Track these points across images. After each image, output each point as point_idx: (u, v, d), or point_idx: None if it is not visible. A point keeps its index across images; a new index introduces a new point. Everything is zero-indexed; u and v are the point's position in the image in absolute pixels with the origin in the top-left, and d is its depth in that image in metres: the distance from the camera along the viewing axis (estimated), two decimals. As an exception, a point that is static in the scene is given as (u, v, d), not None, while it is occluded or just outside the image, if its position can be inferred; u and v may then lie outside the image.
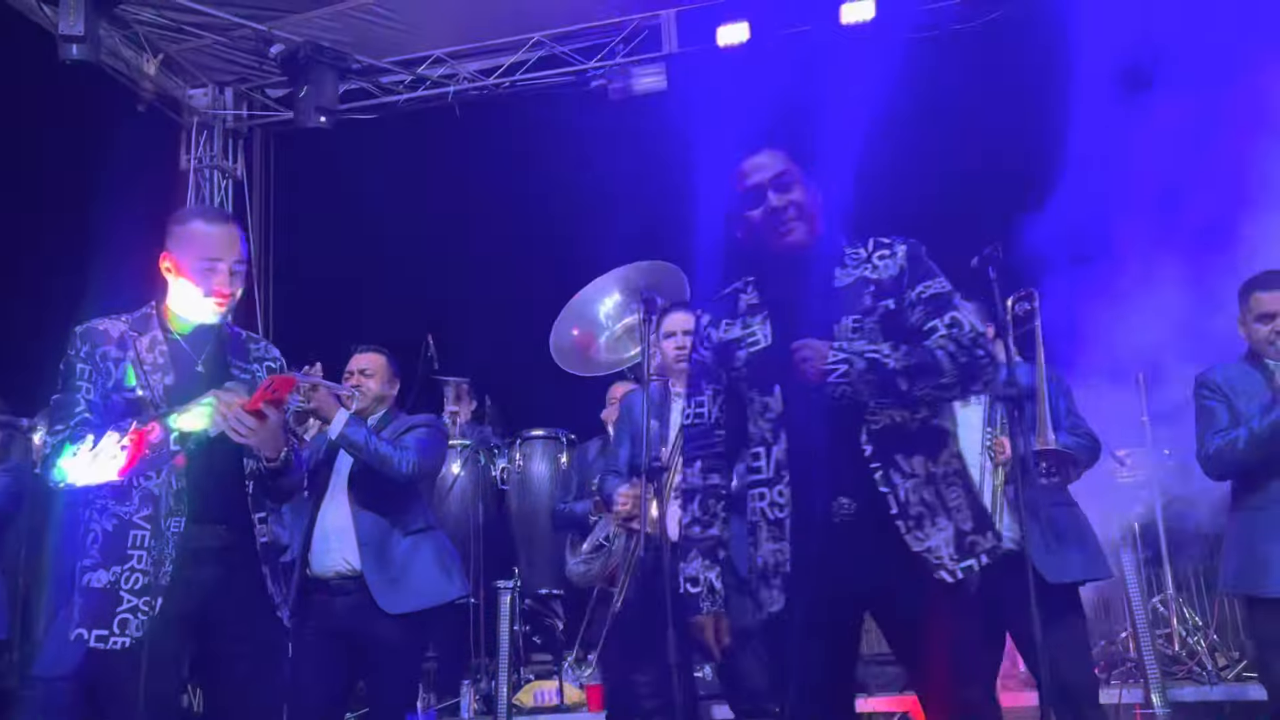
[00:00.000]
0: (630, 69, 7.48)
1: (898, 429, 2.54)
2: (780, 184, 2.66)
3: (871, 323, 2.58)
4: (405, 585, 3.96)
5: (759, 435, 2.63)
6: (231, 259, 2.91)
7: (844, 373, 2.48)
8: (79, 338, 2.89)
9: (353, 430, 3.97)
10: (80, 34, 6.58)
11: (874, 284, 2.63)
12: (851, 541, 2.50)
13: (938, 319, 2.57)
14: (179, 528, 2.78)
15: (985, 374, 2.56)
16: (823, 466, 2.52)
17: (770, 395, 2.60)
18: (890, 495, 2.49)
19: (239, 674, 2.86)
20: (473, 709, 5.60)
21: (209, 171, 8.27)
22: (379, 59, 7.91)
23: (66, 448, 2.76)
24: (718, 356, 2.74)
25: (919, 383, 2.49)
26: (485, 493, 6.27)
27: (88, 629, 2.74)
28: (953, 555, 2.49)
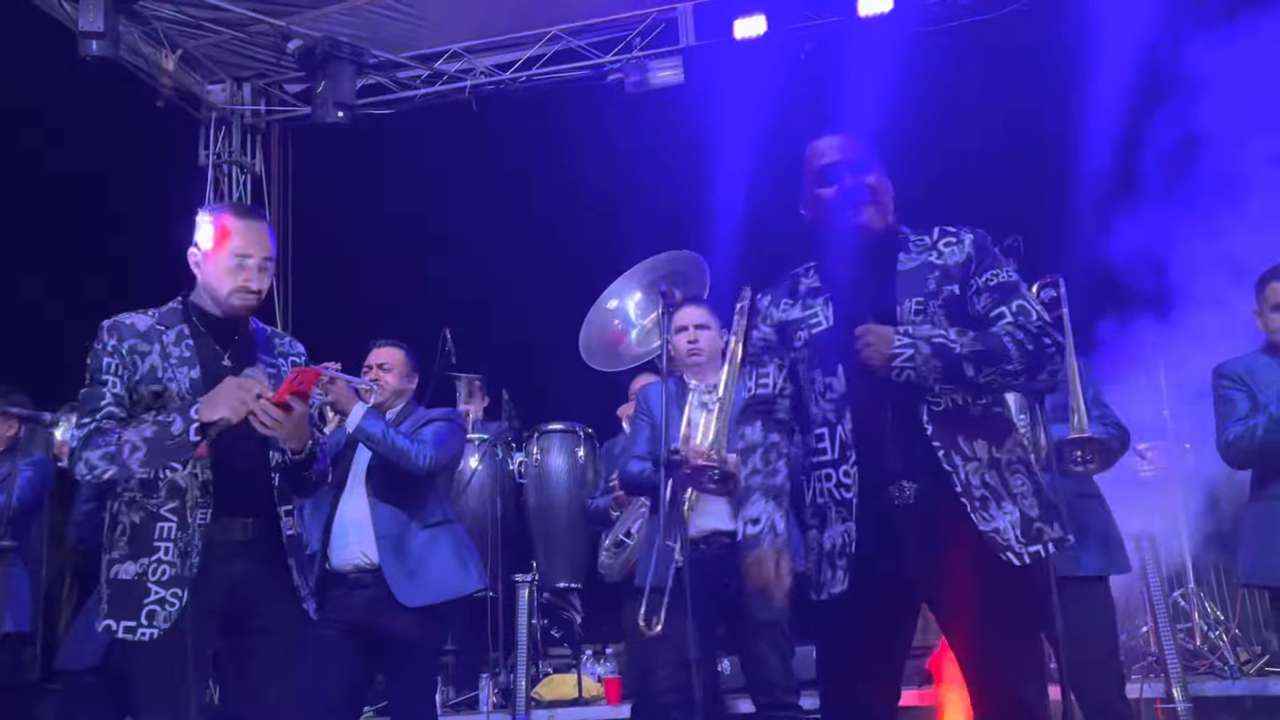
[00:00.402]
0: (647, 62, 7.47)
1: (960, 412, 2.53)
2: (856, 165, 2.66)
3: (935, 306, 2.57)
4: (423, 578, 3.97)
5: (821, 416, 2.61)
6: (260, 255, 2.93)
7: (909, 357, 2.46)
8: (106, 331, 2.90)
9: (370, 424, 3.98)
10: (100, 30, 6.63)
11: (939, 269, 2.62)
12: (913, 526, 2.48)
13: (1005, 306, 2.55)
14: (205, 519, 2.80)
15: (1052, 363, 2.53)
16: (886, 448, 2.51)
17: (833, 376, 2.59)
18: (953, 475, 2.47)
19: (264, 666, 2.87)
20: (491, 702, 5.61)
21: (227, 167, 8.31)
22: (396, 54, 7.93)
23: (93, 441, 2.77)
24: (779, 335, 2.74)
25: (985, 369, 2.47)
26: (503, 487, 6.28)
27: (116, 620, 2.75)
28: (1019, 538, 2.45)
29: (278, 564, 2.90)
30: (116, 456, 2.75)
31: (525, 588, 5.50)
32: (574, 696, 5.58)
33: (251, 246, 2.91)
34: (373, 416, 4.01)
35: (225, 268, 2.90)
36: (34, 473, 4.62)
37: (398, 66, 8.02)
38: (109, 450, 2.75)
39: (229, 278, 2.91)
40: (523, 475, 6.44)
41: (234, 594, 2.84)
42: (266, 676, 2.87)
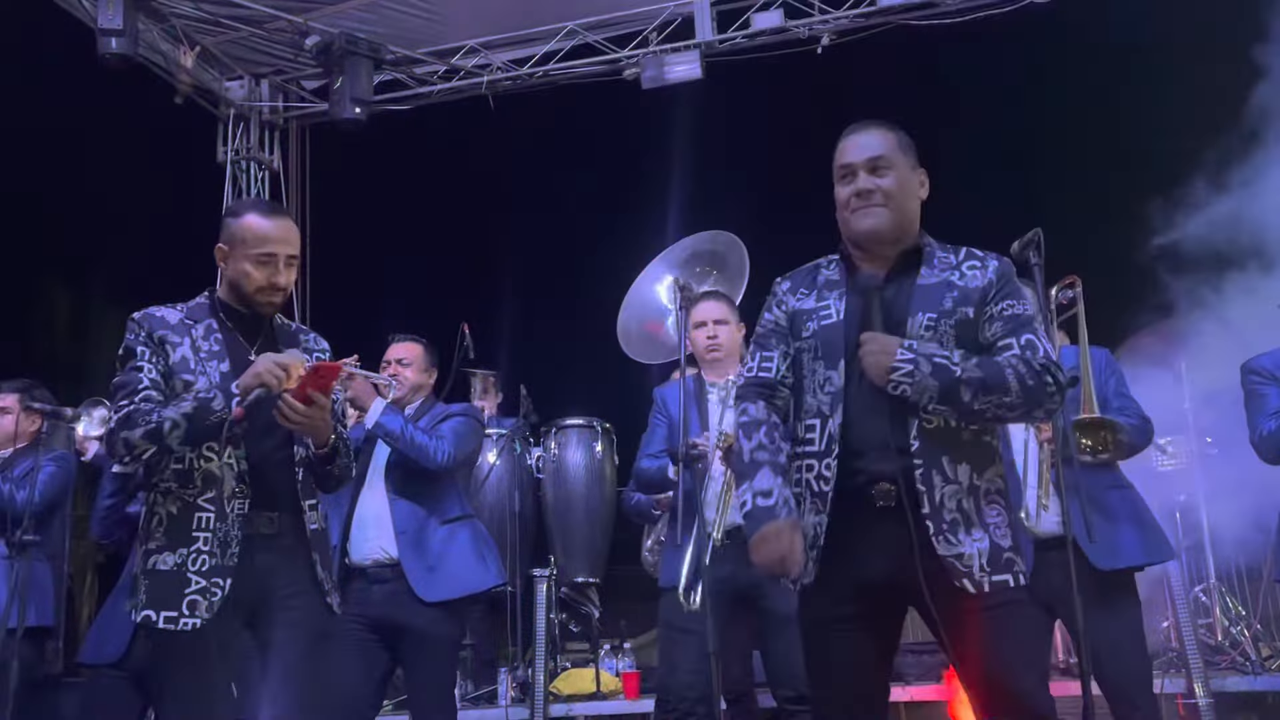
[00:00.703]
0: (664, 57, 7.45)
1: (949, 434, 2.51)
2: (874, 167, 2.63)
3: (947, 325, 2.55)
4: (442, 573, 3.98)
5: (815, 407, 2.60)
6: (285, 252, 2.95)
7: (908, 373, 2.45)
8: (137, 323, 2.93)
9: (388, 419, 3.99)
10: (119, 27, 6.67)
11: (958, 290, 2.59)
12: (887, 528, 2.48)
13: (1014, 338, 2.54)
14: (243, 509, 2.82)
15: (1050, 402, 2.51)
16: (871, 452, 2.51)
17: (834, 370, 2.58)
18: (925, 494, 2.47)
19: (287, 660, 2.88)
20: (509, 696, 5.62)
21: (245, 163, 8.34)
22: (413, 50, 7.94)
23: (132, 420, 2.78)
24: (791, 323, 2.72)
25: (982, 397, 2.46)
26: (521, 482, 6.29)
27: (155, 611, 2.76)
28: (983, 567, 2.46)
29: (302, 558, 2.92)
30: (156, 434, 2.76)
31: (543, 582, 5.51)
32: (592, 691, 5.59)
33: (277, 244, 2.93)
34: (391, 412, 4.02)
35: (251, 265, 2.93)
36: (56, 468, 4.64)
37: (415, 63, 8.04)
38: (149, 428, 2.76)
39: (255, 275, 2.93)
40: (540, 470, 6.44)
41: (259, 587, 2.85)
42: (290, 670, 2.88)
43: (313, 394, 2.79)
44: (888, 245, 2.65)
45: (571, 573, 6.21)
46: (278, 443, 2.92)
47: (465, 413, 4.27)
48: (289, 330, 3.12)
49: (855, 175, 2.63)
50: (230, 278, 2.99)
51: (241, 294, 2.97)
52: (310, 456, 2.95)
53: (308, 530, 2.93)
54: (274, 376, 2.76)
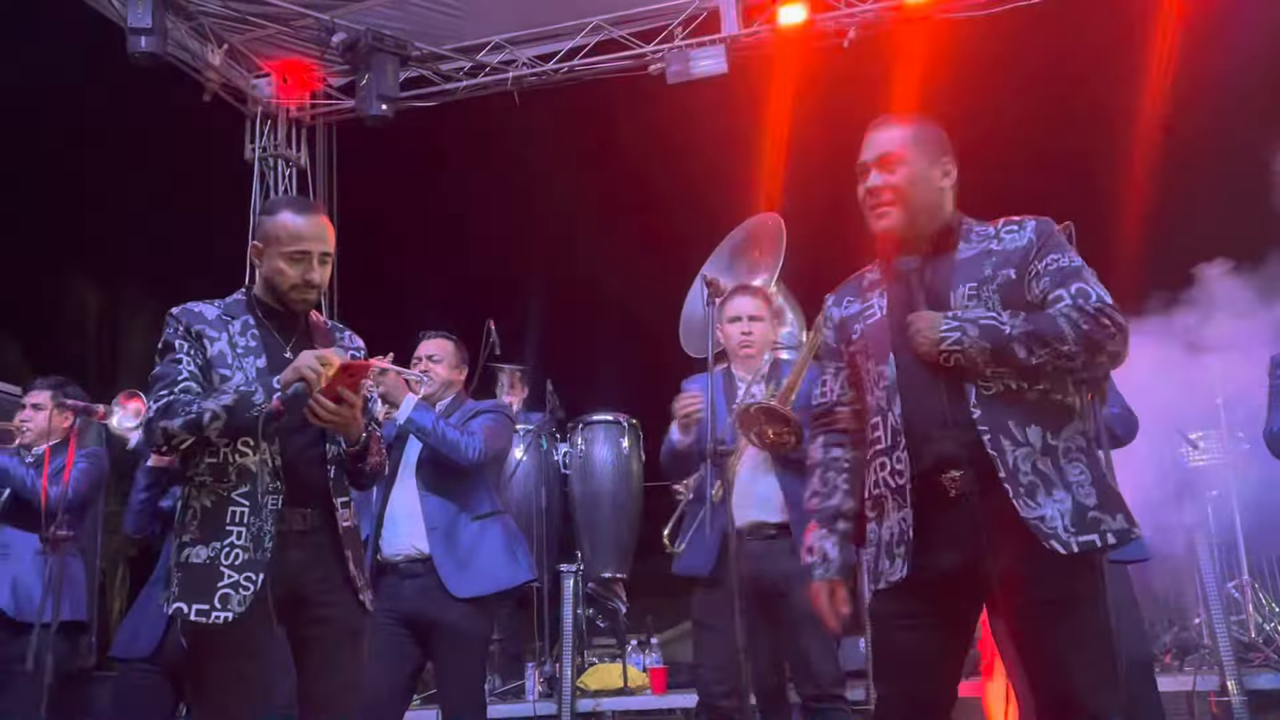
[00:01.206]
0: (689, 51, 7.43)
1: (1013, 396, 2.46)
2: (884, 163, 2.62)
3: (989, 291, 2.52)
4: (474, 569, 3.99)
5: (875, 404, 2.60)
6: (319, 249, 2.95)
7: (956, 340, 2.43)
8: (175, 318, 2.95)
9: (420, 415, 4.01)
10: (149, 26, 6.72)
11: (996, 254, 2.56)
12: (964, 514, 2.42)
13: (1063, 289, 2.49)
14: (277, 505, 2.83)
15: (1112, 343, 2.45)
16: (934, 434, 2.47)
17: (885, 364, 2.57)
18: (997, 459, 2.41)
19: (321, 656, 2.90)
20: (537, 692, 5.64)
21: (273, 161, 8.38)
22: (439, 46, 7.96)
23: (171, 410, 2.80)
24: (838, 334, 2.74)
25: (1038, 350, 2.41)
26: (548, 477, 6.30)
27: (187, 603, 2.76)
28: (1068, 527, 2.38)
29: (334, 555, 2.93)
30: (195, 425, 2.77)
31: (570, 578, 5.52)
32: (619, 686, 5.60)
33: (310, 241, 2.94)
34: (423, 408, 4.04)
35: (285, 262, 2.93)
36: (88, 464, 4.68)
37: (440, 59, 8.06)
38: (189, 419, 2.77)
39: (289, 272, 2.94)
40: (567, 466, 6.45)
41: (292, 583, 2.86)
42: (324, 666, 2.89)
43: (343, 391, 2.79)
44: (908, 238, 2.63)
45: (598, 568, 6.21)
46: (310, 440, 2.93)
47: (495, 409, 4.28)
48: (325, 328, 3.13)
49: (866, 173, 2.64)
50: (265, 275, 3.00)
51: (277, 291, 2.98)
52: (342, 454, 2.96)
53: (340, 527, 2.94)
54: (313, 372, 2.77)
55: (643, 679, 5.67)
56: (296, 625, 2.91)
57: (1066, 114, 7.50)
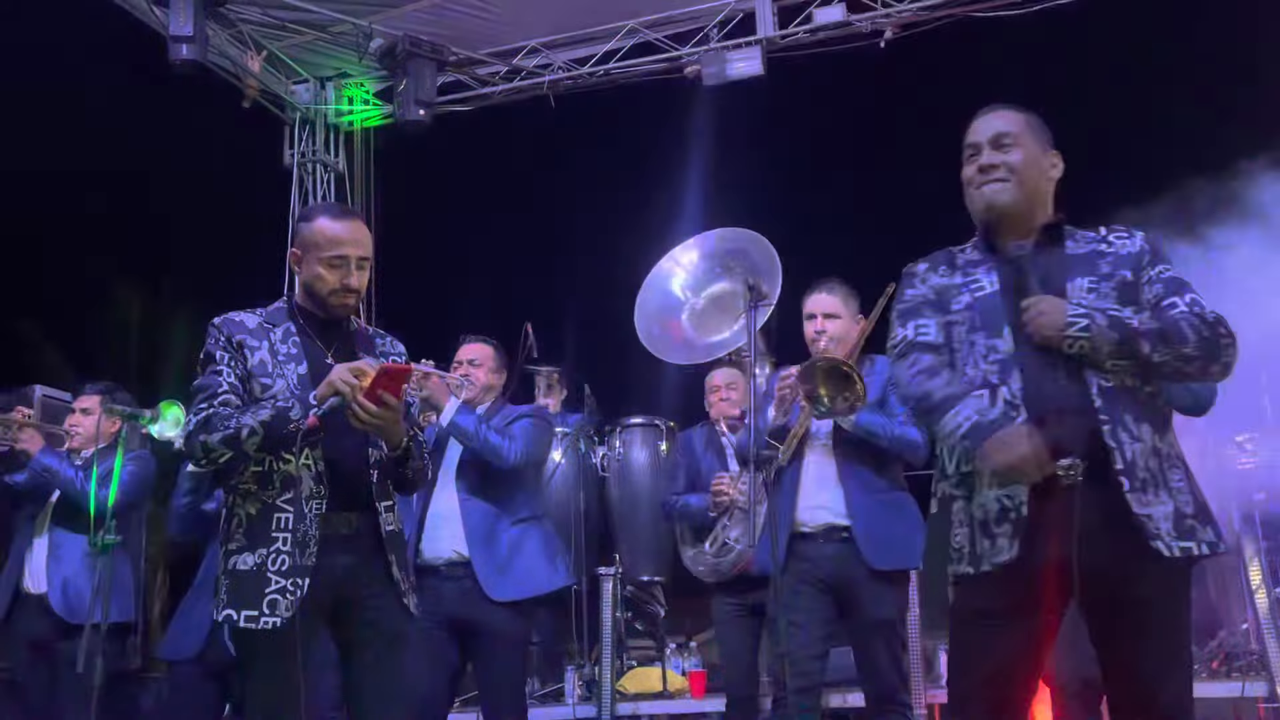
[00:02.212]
0: (725, 54, 7.41)
1: (1129, 393, 2.44)
2: (999, 143, 2.60)
3: (1108, 288, 2.51)
4: (513, 573, 4.01)
5: (981, 378, 2.52)
6: (357, 254, 2.97)
7: (1084, 327, 2.40)
8: (216, 328, 2.98)
9: (463, 418, 4.03)
10: (190, 34, 6.79)
11: (1110, 255, 2.56)
12: (1074, 500, 2.35)
13: (1177, 297, 2.48)
14: (320, 510, 2.85)
15: (1226, 354, 2.44)
16: (1051, 417, 2.41)
17: (998, 338, 2.52)
18: (1116, 451, 2.38)
19: (367, 660, 2.92)
20: (576, 695, 5.65)
21: (311, 166, 8.45)
22: (475, 51, 8.00)
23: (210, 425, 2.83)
24: (939, 297, 2.65)
25: (1160, 349, 2.40)
26: (586, 480, 6.30)
27: (236, 610, 2.79)
28: (1171, 531, 2.37)
29: (379, 559, 2.94)
30: (234, 440, 2.80)
31: (609, 580, 5.52)
32: (659, 690, 5.59)
33: (348, 246, 2.96)
34: (465, 412, 4.06)
35: (323, 268, 2.95)
36: (136, 467, 4.72)
37: (477, 64, 8.09)
38: (227, 434, 2.80)
39: (328, 277, 2.96)
40: (605, 469, 6.45)
41: (338, 588, 2.88)
42: (370, 670, 2.92)
43: (384, 395, 2.80)
44: (1016, 221, 2.60)
45: (637, 571, 6.21)
46: (354, 445, 2.94)
47: (535, 413, 4.30)
48: (366, 334, 3.15)
49: (980, 151, 2.62)
50: (305, 281, 3.02)
51: (316, 297, 3.00)
52: (384, 458, 2.98)
53: (384, 531, 2.95)
54: (347, 385, 2.78)
55: (682, 682, 5.66)
56: (342, 629, 2.93)
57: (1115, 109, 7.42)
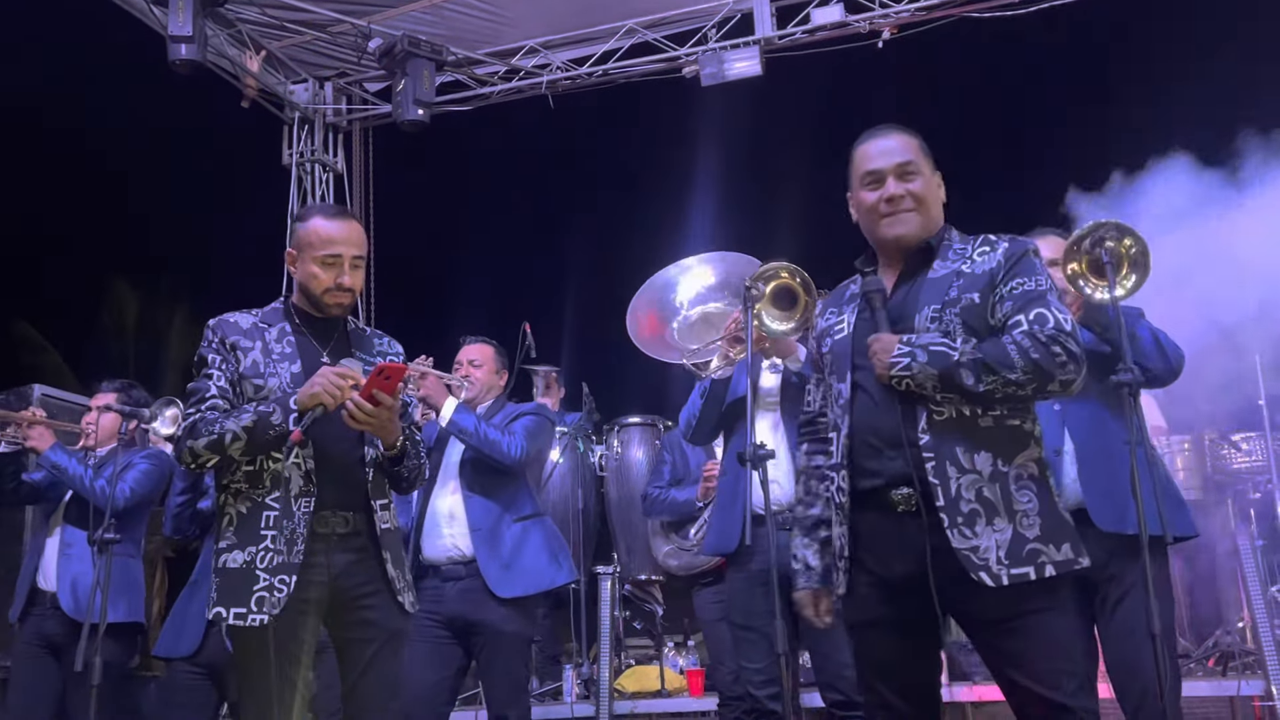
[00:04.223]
0: (724, 54, 7.43)
1: (964, 422, 2.46)
2: (903, 172, 2.62)
3: (952, 314, 2.51)
4: (516, 570, 4.02)
5: (832, 421, 2.65)
6: (351, 253, 3.00)
7: (905, 366, 2.44)
8: (211, 330, 3.01)
9: (462, 418, 4.04)
10: (189, 34, 6.79)
11: (964, 276, 2.55)
12: (909, 531, 2.45)
13: (1023, 314, 2.48)
14: (309, 508, 2.86)
15: (1063, 372, 2.43)
16: (881, 454, 2.50)
17: (843, 382, 2.60)
18: (939, 487, 2.42)
19: (362, 658, 2.93)
20: (575, 693, 5.66)
21: (310, 166, 8.46)
22: (474, 51, 8.01)
23: (197, 430, 2.86)
24: (819, 346, 2.76)
25: (986, 378, 2.41)
26: (584, 479, 6.32)
27: (226, 608, 2.82)
28: (1001, 560, 2.39)
29: (374, 557, 2.96)
30: (218, 445, 2.84)
31: (607, 579, 5.53)
32: (657, 688, 5.61)
33: (342, 245, 2.99)
34: (464, 411, 4.08)
35: (318, 267, 2.98)
36: (150, 465, 4.72)
37: (475, 63, 8.10)
38: (212, 439, 2.84)
39: (322, 276, 2.98)
40: (603, 468, 6.46)
41: (334, 585, 2.90)
42: (365, 668, 2.93)
43: (378, 395, 2.82)
44: (905, 249, 2.64)
45: (635, 570, 6.22)
46: (349, 443, 2.96)
47: (536, 411, 4.32)
48: (363, 334, 3.17)
49: (883, 181, 2.62)
50: (300, 281, 3.05)
51: (311, 296, 3.03)
52: (380, 457, 2.99)
53: (379, 529, 2.97)
54: (330, 396, 2.79)
55: (680, 681, 5.68)
56: (339, 627, 2.95)
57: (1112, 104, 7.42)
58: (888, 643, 2.55)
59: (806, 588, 2.74)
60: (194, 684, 4.50)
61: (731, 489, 3.75)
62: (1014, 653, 2.42)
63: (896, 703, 2.57)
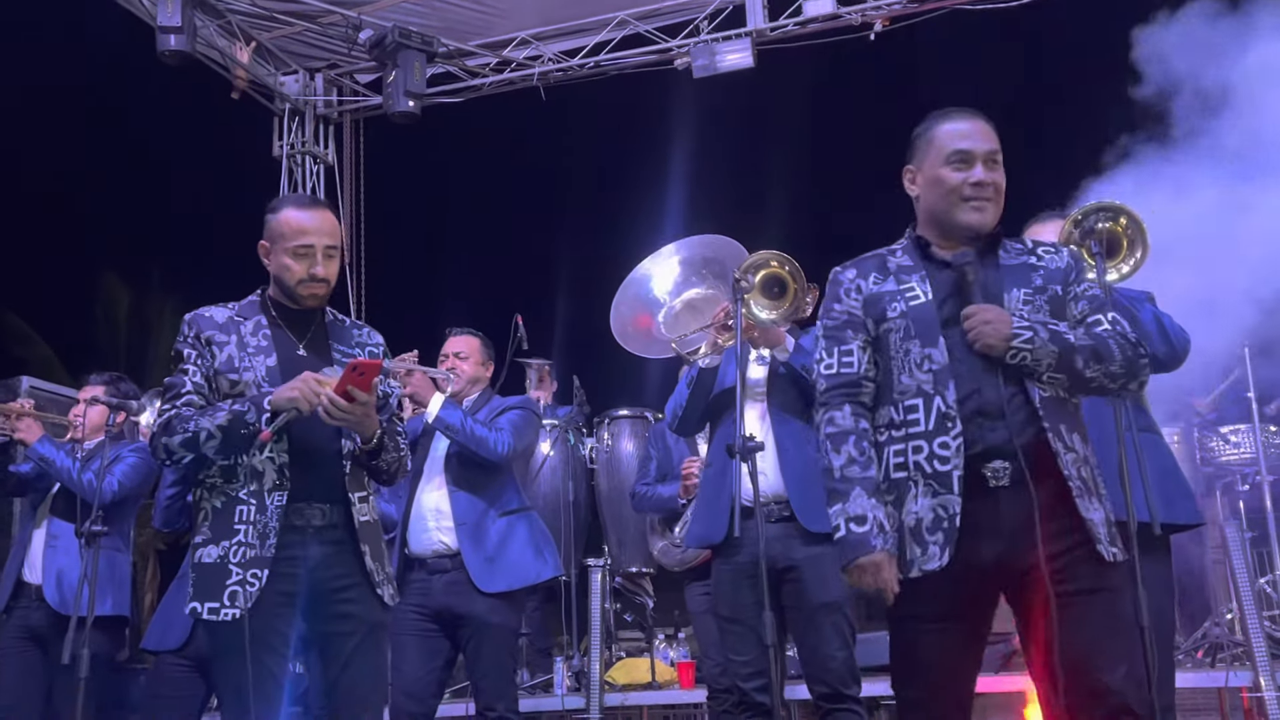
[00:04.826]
0: (715, 45, 7.42)
1: (1061, 404, 2.53)
2: (992, 159, 2.62)
3: (1042, 301, 2.58)
4: (501, 564, 4.01)
5: (914, 386, 2.55)
6: (323, 243, 2.96)
7: (1028, 339, 2.46)
8: (186, 324, 2.98)
9: (448, 413, 4.03)
10: (178, 24, 6.77)
11: (1042, 270, 2.63)
12: (1004, 508, 2.44)
13: (1101, 315, 2.59)
14: (282, 502, 2.85)
15: (1143, 374, 2.57)
16: (991, 425, 2.47)
17: (933, 347, 2.55)
18: (1060, 458, 2.45)
19: (342, 651, 2.92)
20: (565, 686, 5.65)
21: (301, 157, 8.43)
22: (465, 42, 7.98)
23: (171, 427, 2.84)
24: (868, 309, 2.66)
25: (1094, 365, 2.50)
26: (575, 472, 6.31)
27: (200, 602, 2.81)
28: (1108, 536, 2.47)
29: (351, 550, 2.94)
30: (193, 443, 2.82)
31: (598, 572, 5.52)
32: (647, 681, 5.60)
33: (314, 235, 2.95)
34: (450, 406, 4.06)
35: (290, 258, 2.95)
36: (138, 458, 4.69)
37: (467, 55, 8.08)
38: (186, 437, 2.82)
39: (295, 267, 2.95)
40: (594, 461, 6.46)
41: (312, 579, 2.89)
42: (346, 662, 2.91)
43: (353, 390, 2.80)
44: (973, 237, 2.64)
45: (625, 562, 6.22)
46: (326, 436, 2.93)
47: (523, 405, 4.30)
48: (341, 324, 3.14)
49: (972, 164, 2.60)
50: (274, 272, 3.01)
51: (285, 288, 2.99)
52: (357, 450, 2.97)
53: (357, 522, 2.95)
54: (307, 403, 2.77)
55: (670, 673, 5.67)
56: (318, 620, 2.93)
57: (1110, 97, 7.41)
58: (950, 640, 2.51)
59: (884, 550, 2.50)
60: (182, 676, 4.49)
61: (717, 481, 3.70)
62: (1089, 630, 2.40)
63: (934, 702, 2.52)
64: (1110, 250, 3.18)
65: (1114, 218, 3.16)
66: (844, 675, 3.52)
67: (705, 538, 3.73)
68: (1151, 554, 2.93)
